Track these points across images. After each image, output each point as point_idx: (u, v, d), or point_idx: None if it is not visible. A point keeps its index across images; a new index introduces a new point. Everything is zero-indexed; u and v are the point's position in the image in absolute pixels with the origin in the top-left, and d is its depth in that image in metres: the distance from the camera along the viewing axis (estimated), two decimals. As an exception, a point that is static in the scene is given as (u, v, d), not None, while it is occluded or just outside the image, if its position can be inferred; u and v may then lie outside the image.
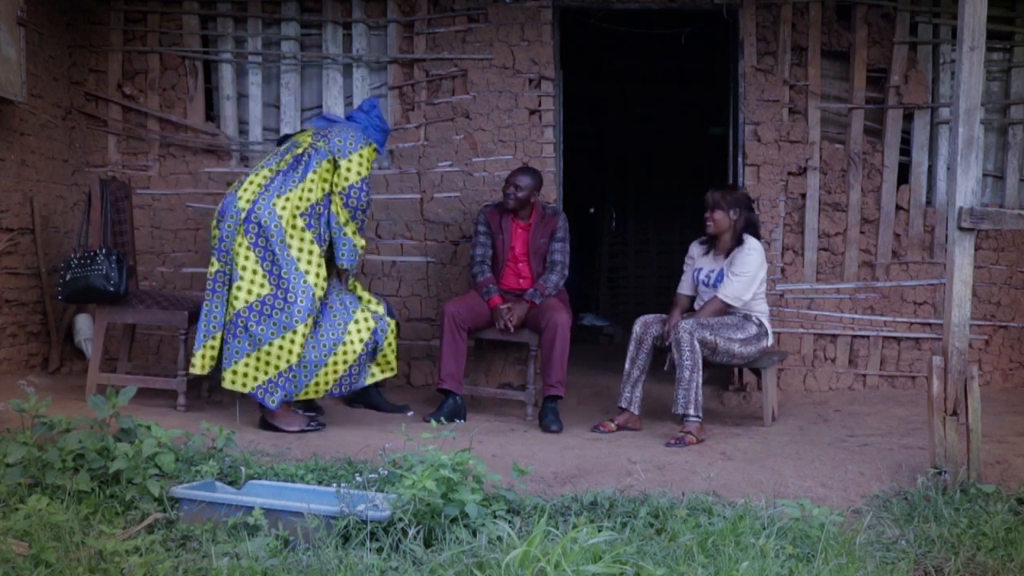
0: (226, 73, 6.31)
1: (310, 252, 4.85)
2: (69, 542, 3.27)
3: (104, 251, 5.17)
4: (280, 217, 4.81)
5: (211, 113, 6.39)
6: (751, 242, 5.26)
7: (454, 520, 3.47)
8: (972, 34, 4.06)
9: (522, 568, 2.94)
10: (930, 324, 6.20)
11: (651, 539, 3.51)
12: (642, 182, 11.43)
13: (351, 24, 6.24)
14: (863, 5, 6.15)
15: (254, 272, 4.80)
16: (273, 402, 4.77)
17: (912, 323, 6.25)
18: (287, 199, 4.85)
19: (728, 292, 5.19)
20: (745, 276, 5.18)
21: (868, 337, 6.25)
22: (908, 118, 6.26)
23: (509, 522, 3.48)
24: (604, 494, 3.91)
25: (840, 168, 6.21)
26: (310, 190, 4.89)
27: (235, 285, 4.80)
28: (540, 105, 6.13)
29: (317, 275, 4.84)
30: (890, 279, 6.23)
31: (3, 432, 4.06)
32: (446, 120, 6.18)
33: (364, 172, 4.95)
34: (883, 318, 6.24)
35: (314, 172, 4.90)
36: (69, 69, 6.19)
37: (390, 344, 5.10)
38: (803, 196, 6.21)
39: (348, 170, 4.91)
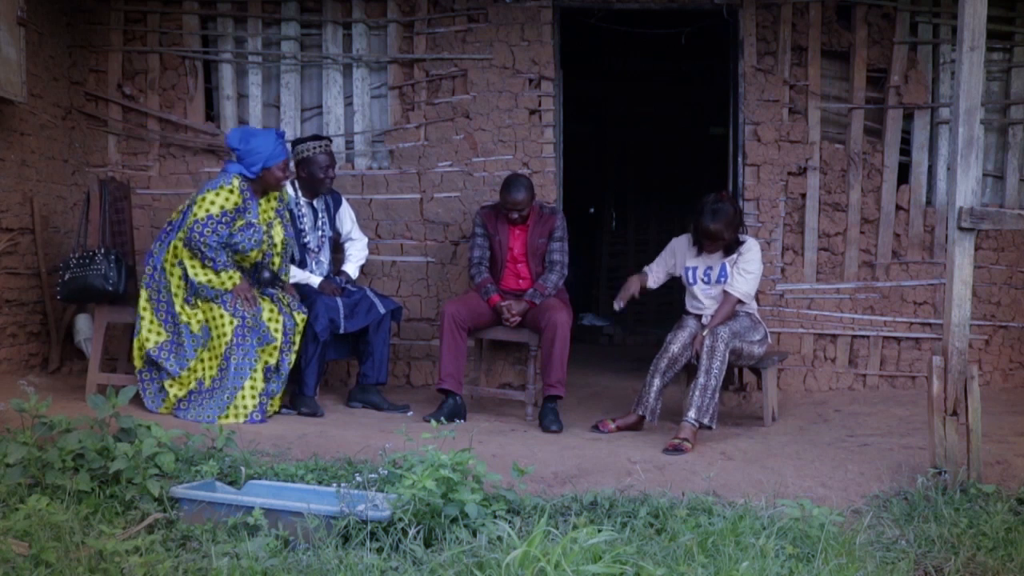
0: (226, 73, 6.31)
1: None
2: (69, 542, 3.28)
3: (103, 251, 5.18)
4: (168, 273, 5.01)
5: (211, 113, 6.39)
6: (753, 243, 5.35)
7: (454, 520, 3.48)
8: (972, 34, 4.06)
9: (522, 568, 2.94)
10: (930, 324, 6.20)
11: (651, 539, 3.51)
12: (642, 182, 11.42)
13: (351, 24, 6.24)
14: (863, 5, 6.15)
15: (151, 322, 5.05)
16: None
17: (912, 323, 6.24)
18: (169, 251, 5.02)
19: (741, 288, 5.23)
20: (755, 273, 5.29)
21: (868, 337, 6.25)
22: (908, 118, 6.26)
23: (509, 522, 3.49)
24: (604, 494, 3.91)
25: (840, 168, 6.21)
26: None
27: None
28: (540, 105, 6.13)
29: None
30: (890, 279, 6.23)
31: (3, 432, 4.06)
32: (446, 120, 6.18)
33: (213, 210, 4.94)
34: (883, 318, 6.23)
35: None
36: (69, 69, 6.18)
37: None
38: (803, 196, 6.21)
39: (199, 207, 4.95)
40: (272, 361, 5.04)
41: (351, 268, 5.80)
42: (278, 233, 5.23)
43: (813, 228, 6.22)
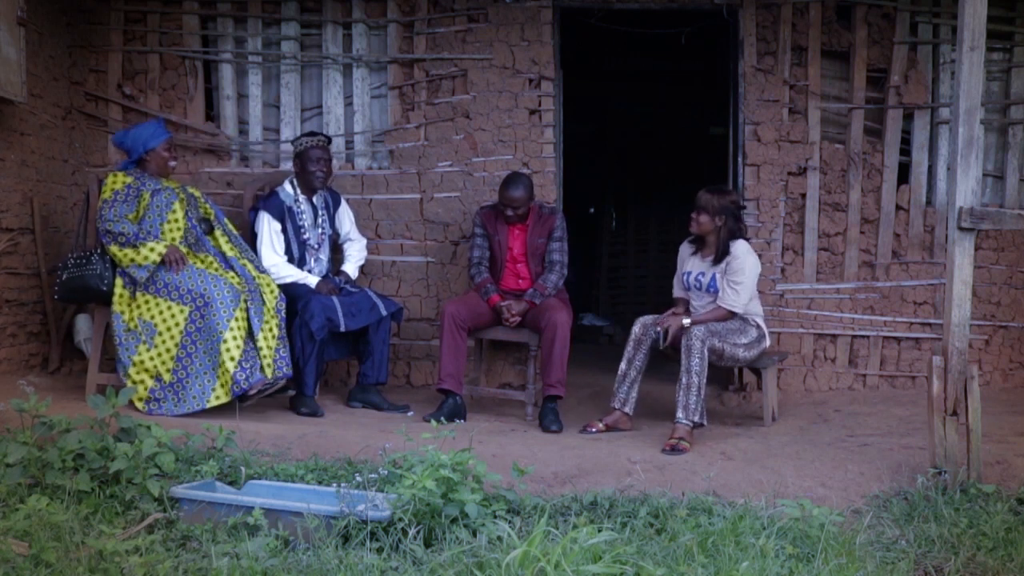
0: (226, 73, 6.31)
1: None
2: (69, 542, 3.28)
3: (99, 251, 5.18)
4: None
5: (211, 113, 6.39)
6: (740, 248, 5.20)
7: (454, 520, 3.48)
8: (972, 34, 4.06)
9: (522, 568, 2.94)
10: (930, 324, 6.20)
11: (651, 539, 3.51)
12: (642, 182, 11.43)
13: (351, 24, 6.24)
14: (863, 5, 6.15)
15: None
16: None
17: (912, 323, 6.24)
18: None
19: (729, 302, 5.16)
20: (744, 284, 5.17)
21: (868, 337, 6.25)
22: (908, 118, 6.25)
23: (509, 522, 3.49)
24: (604, 494, 3.91)
25: (840, 168, 6.21)
26: None
27: None
28: (540, 105, 6.13)
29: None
30: (890, 279, 6.23)
31: (3, 432, 4.06)
32: (446, 120, 6.18)
33: (106, 195, 5.12)
34: (883, 318, 6.23)
35: None
36: (69, 69, 6.18)
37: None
38: (803, 196, 6.20)
39: (99, 203, 5.15)
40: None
41: (350, 268, 5.81)
42: (196, 191, 5.43)
43: (813, 228, 6.21)
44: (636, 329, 5.23)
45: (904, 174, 6.28)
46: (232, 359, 4.94)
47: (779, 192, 6.18)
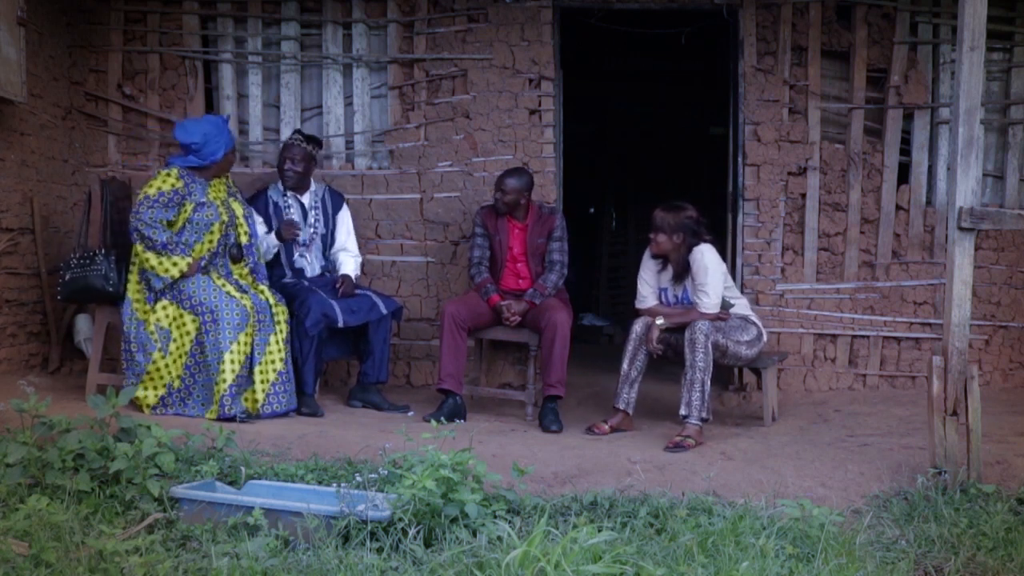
0: (226, 73, 6.31)
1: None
2: (69, 542, 3.28)
3: (103, 251, 5.19)
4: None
5: (211, 113, 6.39)
6: (698, 252, 5.13)
7: (454, 520, 3.48)
8: (972, 34, 4.06)
9: (522, 568, 2.94)
10: (930, 324, 6.20)
11: (651, 539, 3.52)
12: (642, 182, 11.43)
13: (351, 24, 6.24)
14: (863, 5, 6.15)
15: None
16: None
17: (912, 323, 6.24)
18: None
19: (706, 302, 5.09)
20: (710, 283, 5.09)
21: (868, 337, 6.25)
22: (908, 118, 6.25)
23: (509, 522, 3.49)
24: (604, 494, 3.91)
25: (840, 168, 6.21)
26: None
27: None
28: (540, 105, 6.13)
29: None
30: (890, 279, 6.23)
31: (3, 432, 4.06)
32: (446, 120, 6.18)
33: (151, 192, 5.07)
34: (883, 318, 6.23)
35: None
36: (69, 69, 6.18)
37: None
38: (803, 196, 6.21)
39: (140, 195, 5.14)
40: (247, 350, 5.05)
41: (350, 269, 5.78)
42: (238, 208, 5.33)
43: (813, 228, 6.21)
44: (637, 327, 5.20)
45: (904, 174, 6.28)
46: (225, 381, 4.94)
47: (779, 192, 6.18)
